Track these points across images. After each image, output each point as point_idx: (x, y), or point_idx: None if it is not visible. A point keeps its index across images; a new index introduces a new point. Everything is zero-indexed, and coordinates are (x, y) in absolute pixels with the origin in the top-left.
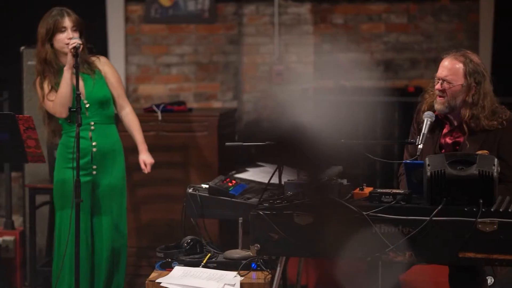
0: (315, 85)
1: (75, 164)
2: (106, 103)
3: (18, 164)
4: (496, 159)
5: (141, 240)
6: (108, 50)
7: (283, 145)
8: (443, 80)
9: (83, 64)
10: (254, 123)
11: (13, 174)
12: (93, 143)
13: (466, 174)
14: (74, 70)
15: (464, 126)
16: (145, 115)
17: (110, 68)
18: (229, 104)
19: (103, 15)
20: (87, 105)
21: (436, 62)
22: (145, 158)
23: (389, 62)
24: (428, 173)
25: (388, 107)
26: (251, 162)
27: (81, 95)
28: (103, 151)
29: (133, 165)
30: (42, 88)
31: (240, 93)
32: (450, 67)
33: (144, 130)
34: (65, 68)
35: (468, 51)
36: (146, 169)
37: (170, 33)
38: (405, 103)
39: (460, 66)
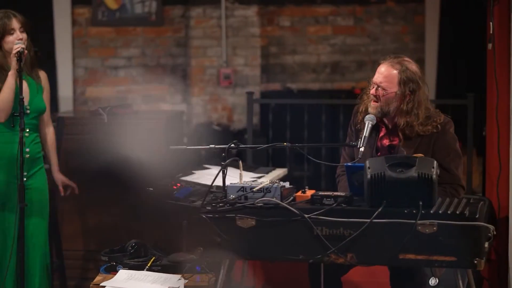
0: (262, 88)
1: (9, 169)
2: (41, 114)
3: None
4: (435, 162)
5: (88, 244)
6: (55, 52)
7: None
8: (378, 86)
9: (31, 68)
10: None
11: None
12: (26, 149)
13: (405, 177)
14: (17, 74)
15: (399, 132)
16: (90, 118)
17: (48, 85)
18: (178, 106)
19: (50, 18)
20: (28, 111)
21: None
22: (63, 179)
23: (336, 64)
24: (369, 176)
25: (334, 109)
26: (199, 164)
27: (24, 100)
28: (33, 158)
29: (76, 167)
30: None
31: (188, 95)
32: (385, 74)
33: (89, 133)
34: (10, 73)
35: (406, 58)
36: (75, 189)
37: (117, 35)
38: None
39: (395, 73)
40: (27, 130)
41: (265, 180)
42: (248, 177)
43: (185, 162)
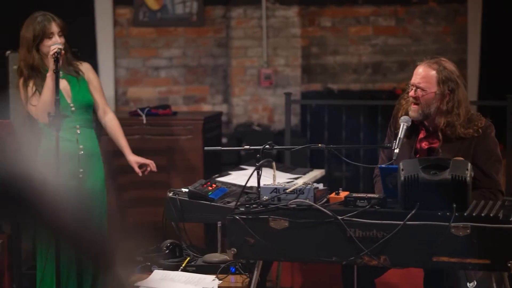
0: (302, 88)
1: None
2: (90, 106)
3: None
4: (469, 164)
5: (127, 243)
6: (97, 53)
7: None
8: (417, 87)
9: (68, 66)
10: None
11: None
12: (80, 146)
13: (439, 179)
14: (55, 75)
15: (439, 133)
16: (130, 119)
17: (94, 75)
18: (219, 107)
19: (91, 18)
20: (73, 108)
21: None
22: (138, 159)
23: (377, 65)
24: (402, 178)
25: (373, 110)
26: (236, 165)
27: (66, 98)
28: (89, 154)
29: (117, 168)
30: (26, 91)
31: (229, 96)
32: (423, 75)
33: (129, 134)
34: (48, 75)
35: (443, 58)
36: (152, 166)
37: (158, 36)
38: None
39: (433, 73)
40: (77, 127)
41: (302, 181)
42: (285, 178)
43: (222, 163)
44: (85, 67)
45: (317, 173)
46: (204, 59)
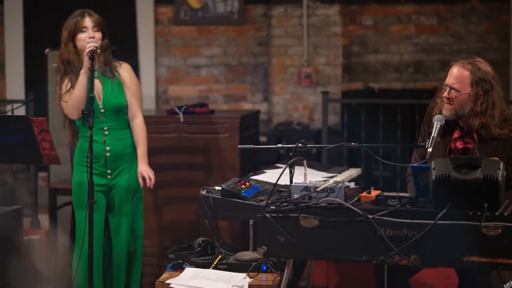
0: (343, 87)
1: (95, 167)
2: (121, 109)
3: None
4: (502, 163)
5: (163, 241)
6: (138, 52)
7: None
8: (451, 88)
9: (105, 67)
10: None
11: (42, 174)
12: (107, 148)
13: (470, 178)
14: (90, 73)
15: (474, 134)
16: (167, 117)
17: (131, 76)
18: (259, 106)
19: (133, 17)
20: (102, 110)
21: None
22: (143, 170)
23: (419, 64)
24: (433, 177)
25: (412, 109)
26: (273, 164)
27: (97, 99)
28: (116, 155)
29: (154, 166)
30: (60, 88)
31: (269, 95)
32: (457, 75)
33: (166, 132)
34: (81, 72)
35: (478, 59)
36: (148, 182)
37: (199, 34)
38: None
39: (467, 74)
40: (105, 129)
41: (337, 179)
42: (320, 177)
43: (261, 162)
44: (123, 68)
45: (353, 172)
46: (245, 57)
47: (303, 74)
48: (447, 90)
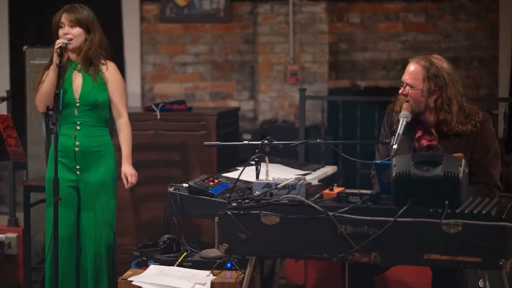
0: (330, 85)
1: (64, 162)
2: (98, 106)
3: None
4: (463, 160)
5: (140, 238)
6: (124, 49)
7: None
8: (406, 84)
9: (87, 63)
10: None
11: (22, 172)
12: (76, 143)
13: (431, 175)
14: (58, 70)
15: (433, 130)
16: (144, 114)
17: (115, 76)
18: (245, 103)
19: (118, 14)
20: (78, 105)
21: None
22: (126, 170)
23: (407, 62)
24: (394, 174)
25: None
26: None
27: (74, 93)
28: (85, 151)
29: (133, 163)
30: (41, 75)
31: (255, 92)
32: (411, 71)
33: (143, 129)
34: (51, 67)
35: (435, 55)
36: (127, 183)
37: (185, 32)
38: None
39: (420, 70)
40: (78, 123)
41: (311, 177)
42: (293, 174)
43: (240, 160)
44: (109, 68)
45: (328, 169)
46: (231, 55)
47: (289, 71)
48: (403, 86)
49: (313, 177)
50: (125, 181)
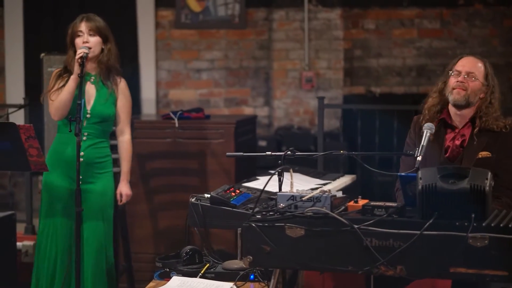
0: (345, 92)
1: (65, 171)
2: (107, 120)
3: None
4: (489, 173)
5: (157, 247)
6: (139, 55)
7: None
8: (468, 74)
9: (106, 73)
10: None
11: (41, 178)
12: (81, 153)
13: (457, 188)
14: (79, 80)
15: (477, 120)
16: (162, 122)
17: (125, 93)
18: (260, 110)
19: (133, 20)
20: (88, 116)
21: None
22: (122, 189)
23: (422, 68)
24: (420, 187)
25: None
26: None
27: (86, 104)
28: (90, 162)
29: (149, 171)
30: (53, 82)
31: (270, 99)
32: (473, 64)
33: (161, 137)
34: (72, 77)
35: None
36: (121, 201)
37: (200, 38)
38: None
39: (481, 65)
40: (85, 134)
41: (331, 186)
42: (313, 184)
43: (257, 167)
44: (121, 84)
45: (347, 179)
46: (246, 61)
47: (304, 78)
48: (463, 75)
49: (333, 186)
50: (119, 197)
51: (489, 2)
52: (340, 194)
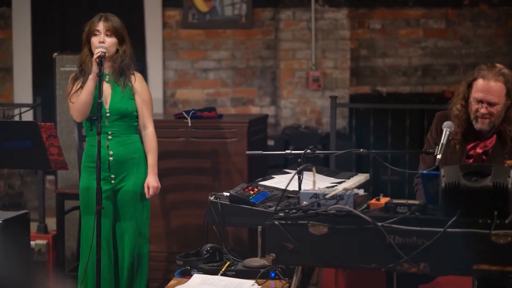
0: (351, 91)
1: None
2: (127, 115)
3: None
4: None
5: (171, 246)
6: (146, 55)
7: None
8: (490, 104)
9: (118, 73)
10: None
11: (50, 177)
12: (110, 152)
13: (480, 186)
14: (98, 79)
15: (501, 129)
16: (175, 121)
17: (143, 87)
18: (267, 109)
19: (141, 20)
20: (108, 115)
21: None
22: (150, 181)
23: (427, 68)
24: (443, 184)
25: (421, 114)
26: (282, 168)
27: (104, 103)
28: (120, 160)
29: (162, 170)
30: (71, 86)
31: (277, 98)
32: (494, 90)
33: (174, 136)
34: (90, 77)
35: (499, 65)
36: (147, 195)
37: (207, 38)
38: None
39: (502, 87)
40: (109, 133)
41: (345, 185)
42: (328, 182)
43: (268, 166)
44: (137, 78)
45: (361, 177)
46: (253, 61)
47: (311, 77)
48: (485, 106)
49: (348, 185)
50: (147, 191)
51: (494, 2)
52: (361, 192)
